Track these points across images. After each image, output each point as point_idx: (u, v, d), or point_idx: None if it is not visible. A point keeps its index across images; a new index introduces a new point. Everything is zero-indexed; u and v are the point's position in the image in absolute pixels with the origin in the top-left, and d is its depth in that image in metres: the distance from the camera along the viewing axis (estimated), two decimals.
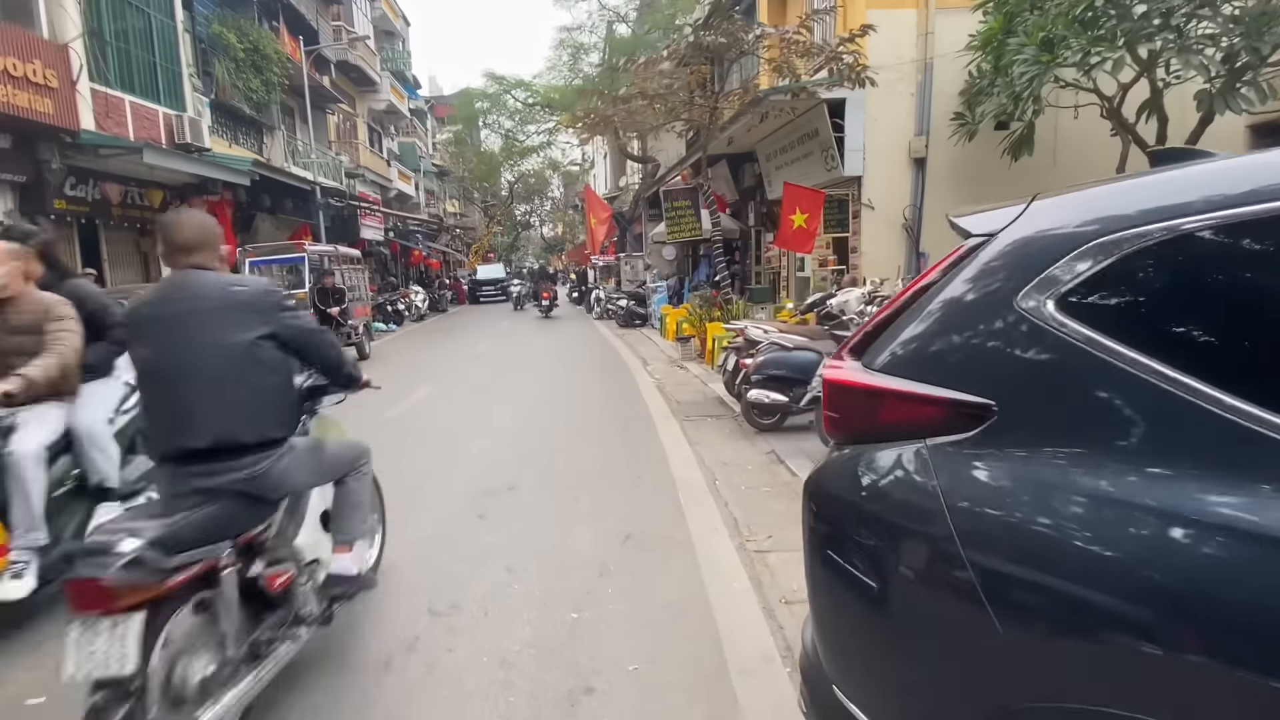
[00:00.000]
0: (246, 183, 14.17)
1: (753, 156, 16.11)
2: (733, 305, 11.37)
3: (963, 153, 11.93)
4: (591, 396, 8.93)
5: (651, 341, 14.89)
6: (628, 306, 18.06)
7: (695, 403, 8.34)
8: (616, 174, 37.68)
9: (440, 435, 7.04)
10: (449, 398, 9.10)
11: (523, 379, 10.53)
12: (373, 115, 29.25)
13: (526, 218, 55.49)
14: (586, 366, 11.68)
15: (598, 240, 23.77)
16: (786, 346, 6.56)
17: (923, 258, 12.13)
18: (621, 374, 10.68)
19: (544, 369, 11.49)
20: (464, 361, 12.60)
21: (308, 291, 10.90)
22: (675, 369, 11.05)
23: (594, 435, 6.84)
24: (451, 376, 10.96)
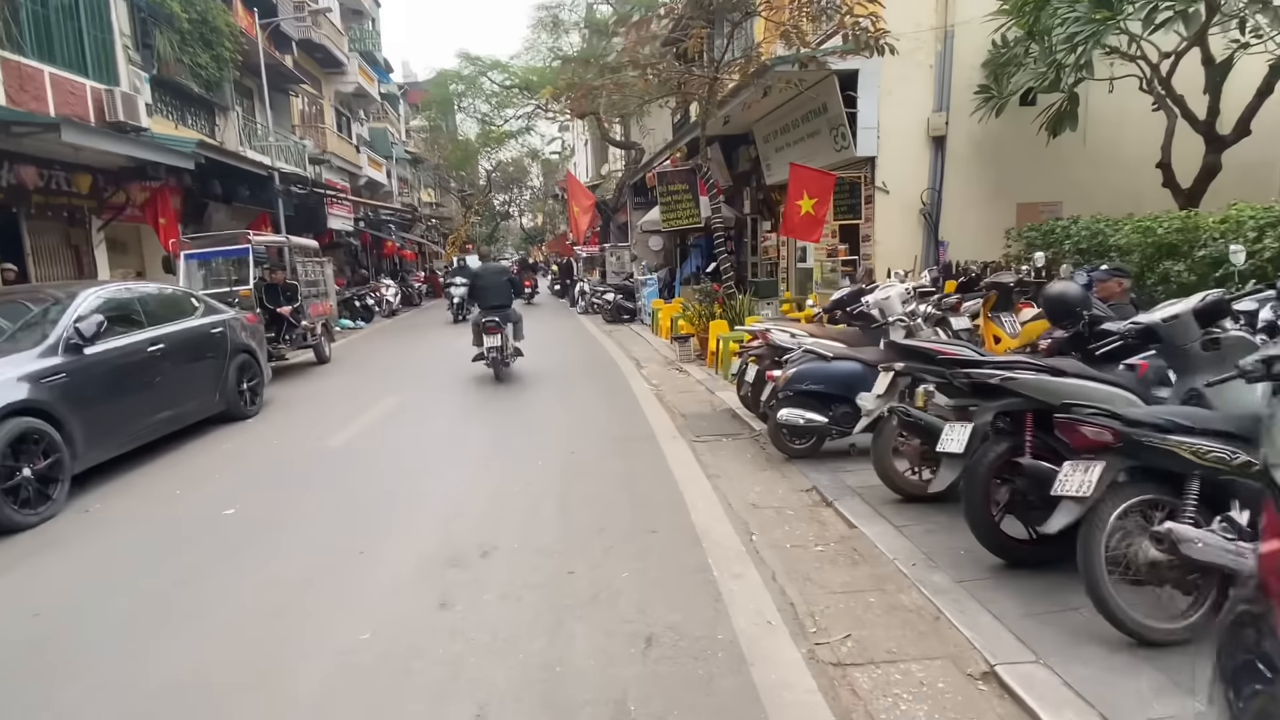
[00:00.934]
0: (191, 166, 12.64)
1: (748, 138, 14.87)
2: (735, 301, 10.15)
3: (985, 130, 10.79)
4: (582, 408, 7.67)
5: (642, 339, 13.64)
6: (615, 301, 16.79)
7: (703, 416, 7.12)
8: (598, 161, 36.25)
9: (397, 468, 5.73)
10: (415, 412, 7.79)
11: (502, 385, 9.25)
12: (340, 99, 27.54)
13: (505, 208, 53.86)
14: (574, 369, 10.41)
15: (581, 229, 22.42)
16: (825, 356, 5.35)
17: (942, 247, 11.00)
18: (614, 379, 9.43)
19: (527, 372, 10.20)
20: (437, 364, 11.26)
21: (251, 288, 9.47)
22: (673, 372, 9.82)
23: (588, 464, 5.59)
24: (421, 382, 9.63)
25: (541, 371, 10.16)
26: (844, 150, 10.98)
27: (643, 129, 26.46)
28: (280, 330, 10.07)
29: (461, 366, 10.55)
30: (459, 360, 11.15)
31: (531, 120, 28.68)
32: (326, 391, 9.12)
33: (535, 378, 9.67)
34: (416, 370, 10.62)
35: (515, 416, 7.36)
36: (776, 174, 13.68)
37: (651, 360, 10.94)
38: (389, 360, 11.75)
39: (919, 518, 4.15)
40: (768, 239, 15.22)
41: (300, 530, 4.38)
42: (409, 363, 11.26)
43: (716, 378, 8.90)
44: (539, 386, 9.06)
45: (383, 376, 10.24)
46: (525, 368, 10.52)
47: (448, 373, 10.33)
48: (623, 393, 8.43)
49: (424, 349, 13.30)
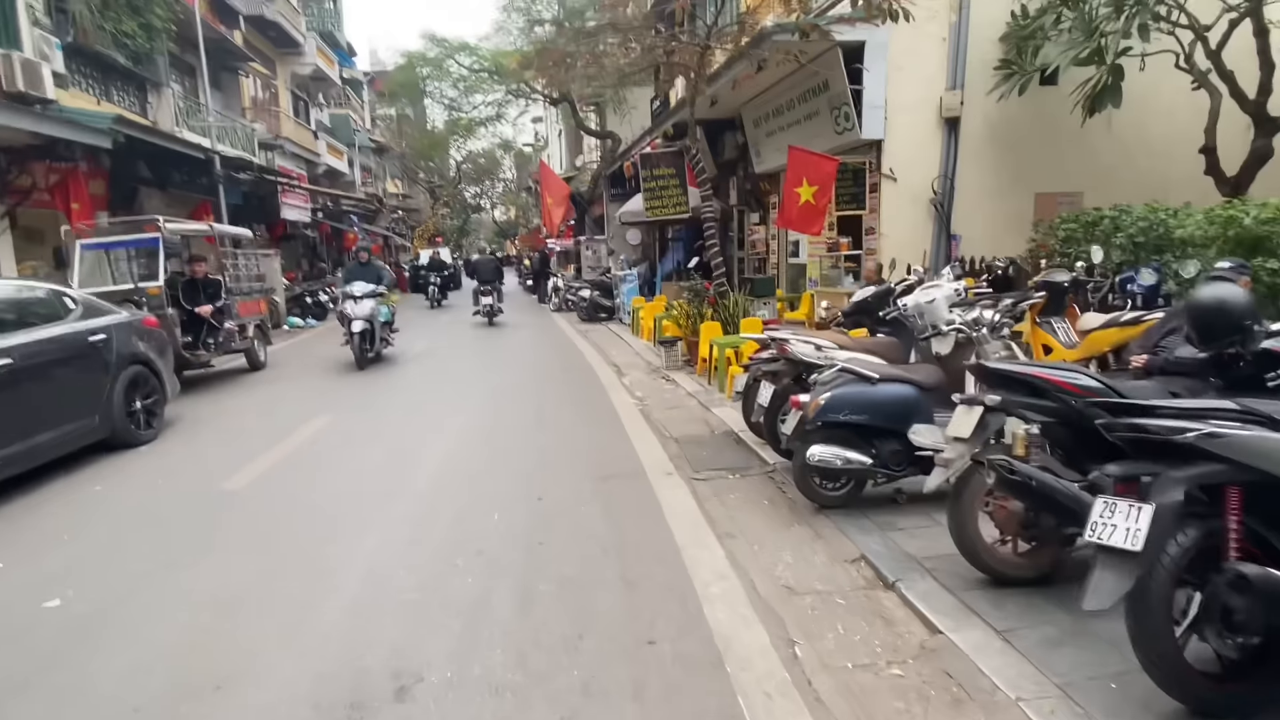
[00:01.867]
0: (108, 145, 11.03)
1: (734, 124, 13.63)
2: (728, 301, 8.90)
3: (1003, 112, 9.67)
4: (554, 430, 6.36)
5: (622, 340, 12.34)
6: (591, 298, 15.45)
7: (701, 442, 5.85)
8: (573, 152, 34.77)
9: (304, 527, 4.34)
10: (345, 438, 6.39)
11: (459, 397, 7.89)
12: (297, 81, 25.71)
13: (477, 200, 52.09)
14: (546, 378, 9.08)
15: (554, 222, 21.01)
16: (868, 377, 4.11)
17: (954, 241, 9.87)
18: (592, 391, 8.12)
19: (490, 381, 8.85)
20: (387, 370, 9.84)
21: (160, 286, 7.93)
22: (659, 382, 8.54)
23: (560, 519, 4.29)
24: (363, 396, 8.23)
25: (507, 380, 8.81)
26: (847, 133, 9.78)
27: (620, 115, 25.12)
28: (200, 333, 8.57)
29: (418, 375, 9.18)
30: (416, 368, 9.78)
31: (502, 107, 27.17)
32: (247, 408, 7.67)
33: (500, 388, 8.32)
34: (358, 380, 9.20)
35: (470, 444, 6.02)
36: (768, 161, 12.46)
37: (634, 367, 9.65)
38: (329, 367, 10.30)
39: (1025, 612, 2.94)
40: (755, 232, 14.01)
41: (138, 640, 3.01)
42: (352, 371, 9.84)
43: (711, 390, 7.64)
44: (504, 400, 7.72)
45: (318, 388, 8.81)
46: (489, 378, 9.18)
47: (399, 383, 8.94)
48: (603, 409, 7.12)
49: None
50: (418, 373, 9.44)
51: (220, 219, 15.49)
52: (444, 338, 13.73)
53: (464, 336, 13.59)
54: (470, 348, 12.00)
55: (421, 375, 9.23)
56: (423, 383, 8.75)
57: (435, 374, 9.65)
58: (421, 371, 9.60)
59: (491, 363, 10.40)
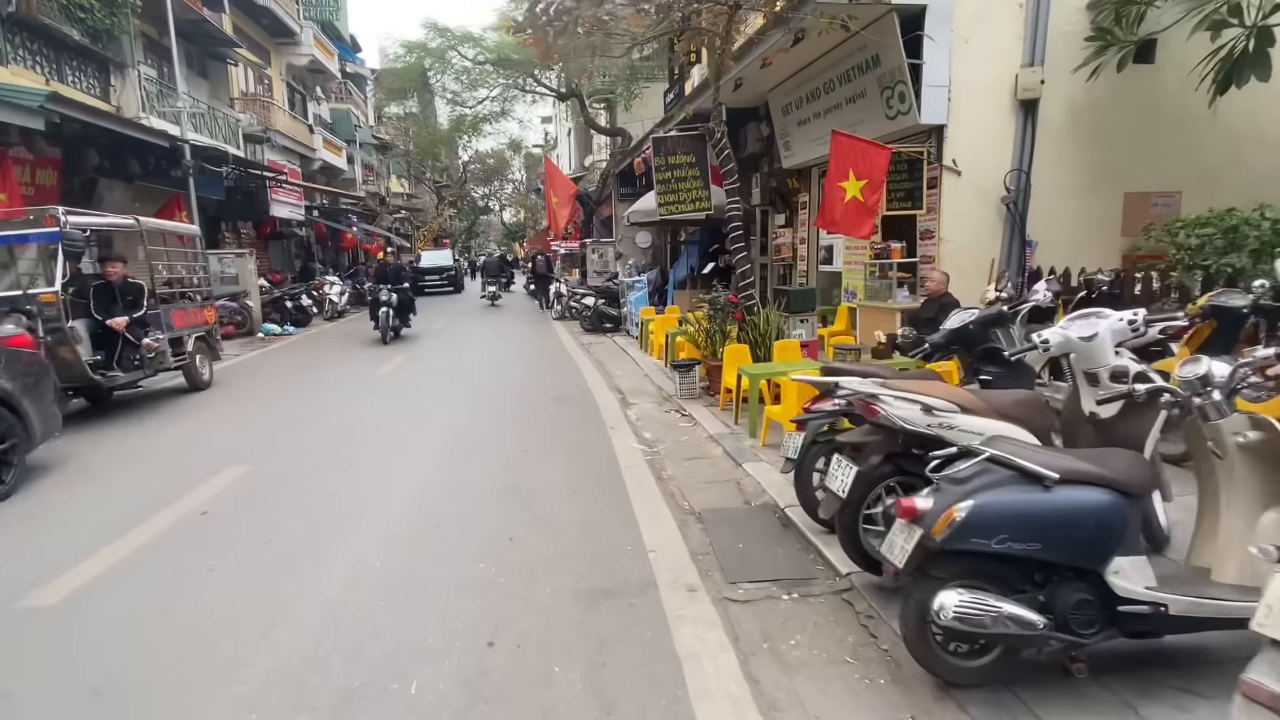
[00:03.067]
0: (39, 125, 9.47)
1: (758, 113, 11.97)
2: (758, 316, 7.21)
3: (1089, 94, 7.96)
4: (529, 501, 4.67)
5: (628, 356, 10.66)
6: (596, 306, 13.78)
7: (733, 519, 4.17)
8: (582, 152, 33.19)
9: (122, 702, 2.70)
10: (252, 502, 4.70)
11: (423, 433, 6.24)
12: (293, 72, 24.21)
13: (485, 201, 50.65)
14: (533, 407, 7.40)
15: (560, 223, 19.36)
16: (1037, 475, 2.40)
17: (1029, 248, 8.14)
18: (588, 430, 6.43)
19: (466, 411, 7.20)
20: (350, 393, 8.21)
21: (56, 292, 6.26)
22: (673, 417, 6.85)
23: (513, 697, 2.61)
24: (304, 431, 6.59)
25: (482, 415, 7.13)
26: (901, 117, 8.08)
27: (630, 111, 23.51)
28: (115, 350, 6.95)
29: (383, 400, 7.54)
30: (384, 390, 8.13)
31: (507, 103, 25.55)
32: (148, 451, 6.01)
33: (474, 423, 6.65)
34: (314, 406, 7.58)
35: (413, 518, 4.35)
36: (799, 154, 10.77)
37: (642, 394, 7.96)
38: (287, 389, 8.68)
39: None
40: (780, 235, 12.32)
41: None
42: (313, 392, 8.22)
43: (739, 434, 5.94)
44: (475, 441, 6.05)
45: (261, 417, 7.17)
46: (467, 400, 7.52)
47: (356, 413, 7.29)
48: (600, 461, 5.44)
49: (346, 368, 10.21)
50: (374, 404, 7.79)
51: (191, 214, 13.97)
52: (426, 350, 12.11)
53: (441, 356, 11.94)
54: (447, 369, 10.34)
55: (378, 409, 7.58)
56: (376, 419, 7.09)
57: (407, 394, 8.00)
58: (380, 402, 7.95)
59: (475, 384, 8.74)
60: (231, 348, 12.46)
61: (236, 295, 13.57)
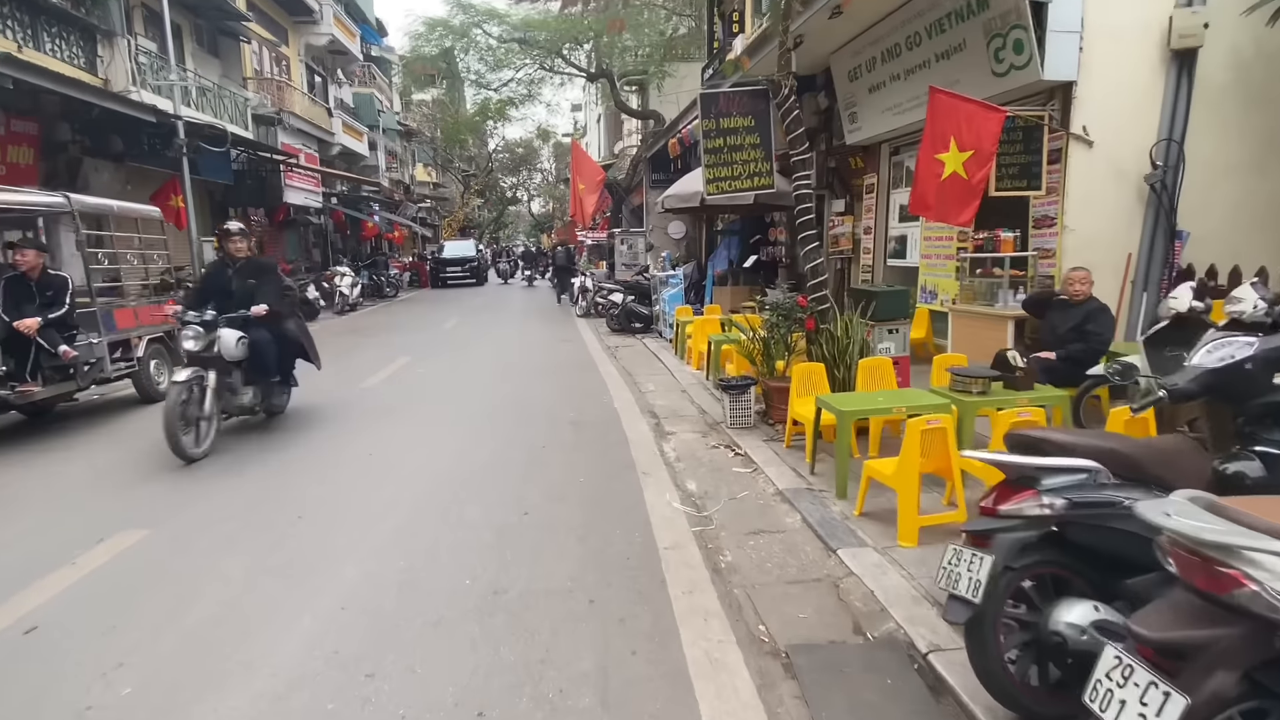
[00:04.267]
0: None
1: (814, 83, 10.17)
2: (833, 323, 5.51)
3: (1262, 42, 6.08)
4: (523, 624, 3.06)
5: (661, 364, 9.02)
6: (625, 304, 12.14)
7: (845, 674, 2.50)
8: (612, 138, 31.51)
9: None
10: (114, 601, 3.19)
11: (395, 482, 4.67)
12: (312, 53, 22.87)
13: (513, 191, 49.27)
14: (543, 440, 5.76)
15: (586, 211, 17.73)
16: None
17: (1179, 240, 6.29)
18: (613, 473, 4.80)
19: (458, 444, 5.62)
20: (322, 413, 6.69)
21: None
22: (723, 455, 5.19)
23: None
24: (239, 474, 5.06)
25: (484, 444, 5.53)
26: (1015, 72, 6.28)
27: (663, 93, 21.75)
28: (28, 358, 5.49)
29: (373, 419, 5.98)
30: (373, 405, 6.52)
31: (534, 86, 23.90)
32: (26, 499, 4.54)
33: (465, 463, 5.06)
34: (261, 436, 6.08)
35: (328, 666, 2.77)
36: (868, 126, 8.97)
37: (681, 417, 6.31)
38: None
39: None
40: (839, 224, 10.52)
41: None
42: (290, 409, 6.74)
43: (820, 489, 4.25)
44: (460, 496, 4.45)
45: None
46: (467, 421, 5.93)
47: (295, 459, 5.75)
48: (629, 531, 3.80)
49: (335, 374, 8.73)
50: (346, 429, 6.26)
51: (186, 197, 12.63)
52: (430, 350, 10.60)
53: (445, 360, 10.42)
54: (449, 379, 8.80)
55: (347, 438, 6.04)
56: (339, 457, 5.54)
57: (374, 430, 6.46)
58: (354, 426, 6.41)
59: (468, 408, 7.18)
60: None
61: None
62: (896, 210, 9.30)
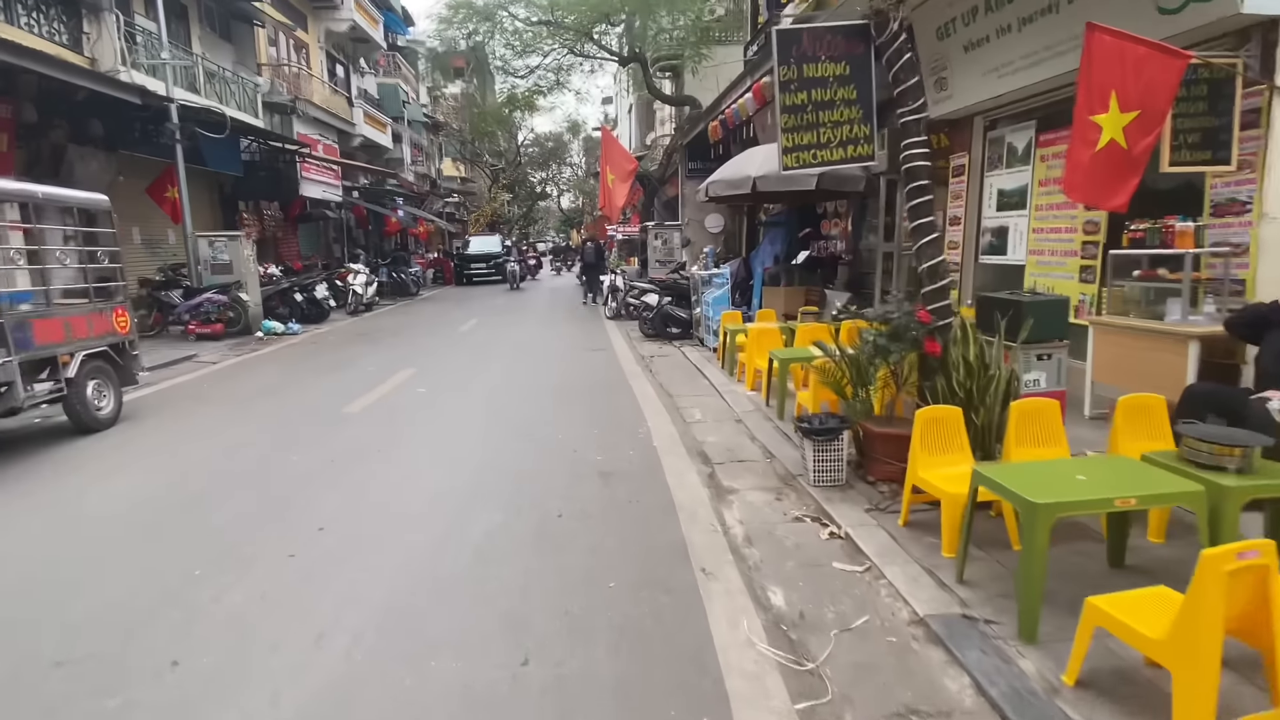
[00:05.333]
0: None
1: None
2: (962, 344, 3.92)
3: None
4: None
5: (706, 381, 7.48)
6: (661, 306, 10.60)
7: None
8: (643, 128, 29.91)
9: None
10: None
11: (348, 581, 3.24)
12: (333, 40, 21.68)
13: (542, 186, 47.95)
14: (559, 504, 4.25)
15: (615, 203, 16.21)
16: None
17: None
18: (660, 576, 3.28)
19: (448, 505, 4.16)
20: (285, 455, 5.29)
21: None
22: (813, 535, 3.63)
23: None
24: (174, 553, 3.67)
25: (481, 507, 4.05)
26: (1194, 6, 4.59)
27: (699, 78, 20.11)
28: None
29: (292, 495, 4.49)
30: (319, 454, 5.03)
31: (563, 73, 22.38)
32: None
33: (451, 544, 3.59)
34: (197, 489, 4.70)
35: None
36: (960, 94, 7.30)
37: (742, 462, 4.76)
38: (210, 435, 5.85)
39: None
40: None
41: None
42: (228, 452, 5.36)
43: (995, 630, 2.68)
44: (432, 613, 3.00)
45: (104, 512, 4.31)
46: (454, 481, 4.39)
47: (227, 532, 4.33)
48: (695, 706, 2.29)
49: (309, 396, 7.36)
50: (302, 485, 4.85)
51: (180, 188, 11.41)
52: (438, 361, 9.19)
53: (453, 375, 9.01)
54: (452, 402, 7.37)
55: (302, 501, 4.62)
56: (282, 531, 4.11)
57: (338, 484, 5.04)
58: (316, 479, 5.00)
59: (469, 444, 5.73)
60: (213, 351, 9.86)
61: (227, 286, 10.95)
62: (993, 196, 7.61)
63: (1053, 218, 6.55)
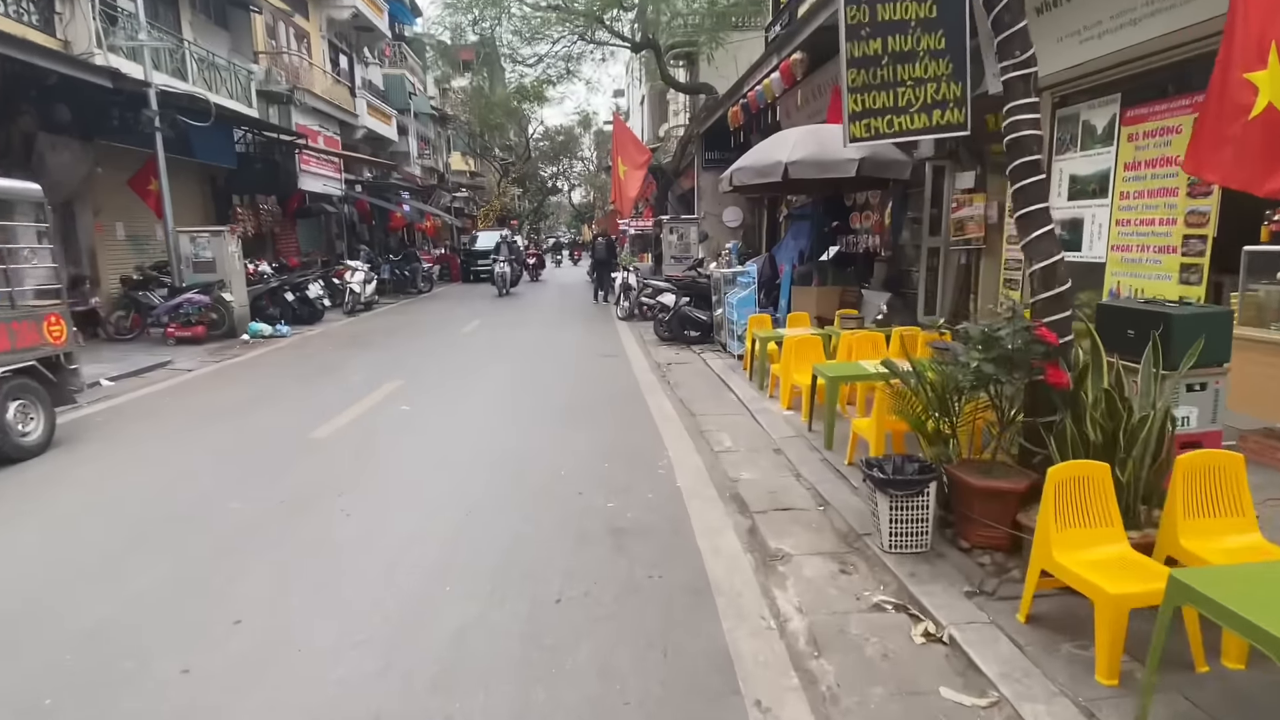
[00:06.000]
0: None
1: None
2: (1096, 368, 2.91)
3: None
4: None
5: (731, 395, 6.49)
6: (678, 308, 9.60)
7: None
8: (656, 121, 28.83)
9: None
10: None
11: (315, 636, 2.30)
12: (334, 28, 20.77)
13: (553, 181, 46.95)
14: (560, 578, 3.31)
15: (628, 196, 15.23)
16: None
17: None
18: (699, 712, 2.31)
19: (416, 578, 3.22)
20: (219, 503, 4.36)
21: None
22: (901, 638, 2.65)
23: None
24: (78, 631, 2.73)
25: (442, 619, 3.09)
26: None
27: (714, 66, 19.05)
28: None
29: (217, 555, 3.51)
30: (268, 496, 4.05)
31: (573, 62, 21.34)
32: None
33: (380, 686, 2.65)
34: (113, 548, 3.78)
35: None
36: (1058, 59, 6.21)
37: (788, 513, 3.78)
38: (152, 467, 4.94)
39: None
40: (964, 204, 7.78)
41: None
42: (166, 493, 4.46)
43: None
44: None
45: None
46: (429, 539, 3.34)
47: (135, 614, 3.39)
48: None
49: (276, 416, 6.44)
50: (240, 536, 3.92)
51: (160, 179, 10.52)
52: (431, 367, 8.26)
53: (446, 385, 8.07)
54: (439, 422, 6.42)
55: (227, 572, 3.68)
56: (196, 614, 3.16)
57: (279, 546, 4.11)
58: (256, 534, 4.06)
59: (453, 482, 4.79)
60: (190, 357, 8.98)
61: (210, 286, 10.06)
62: (1063, 183, 6.54)
63: (1143, 207, 5.49)
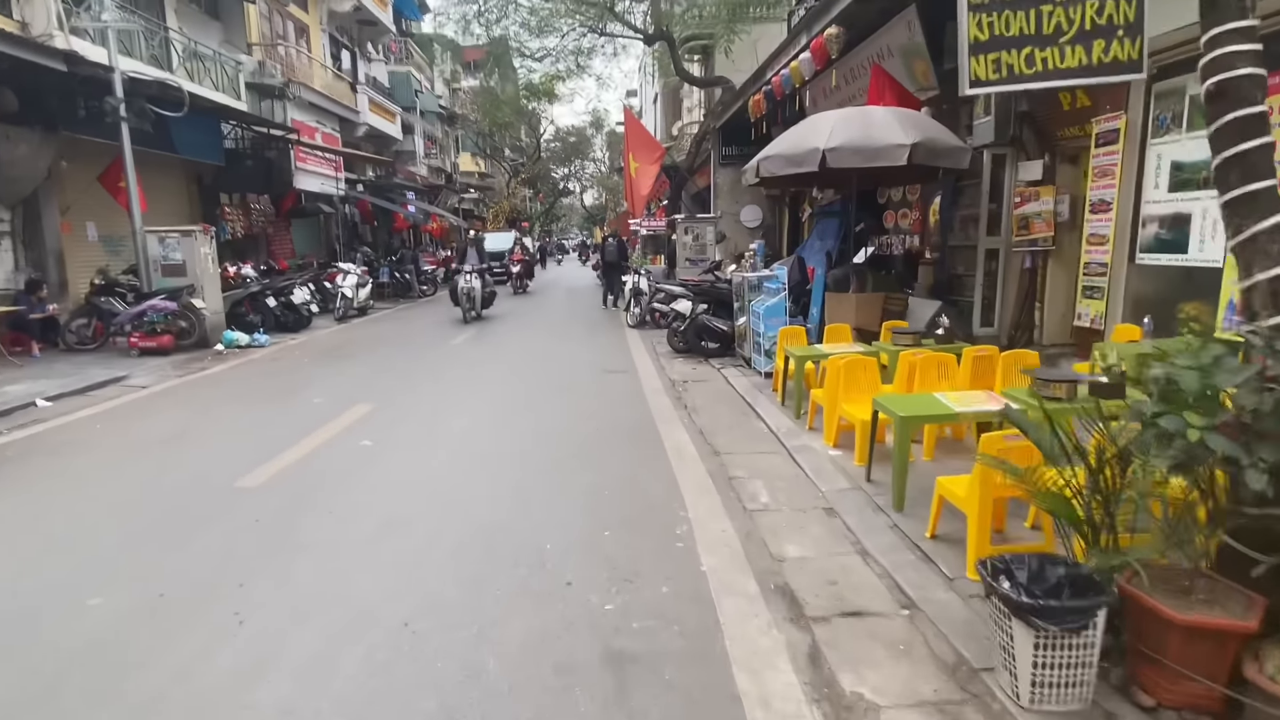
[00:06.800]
0: None
1: None
2: None
3: None
4: None
5: (761, 424, 5.37)
6: (695, 316, 8.47)
7: None
8: (669, 117, 27.72)
9: None
10: None
11: None
12: (336, 21, 19.83)
13: (564, 183, 45.98)
14: None
15: (640, 195, 14.12)
16: None
17: None
18: None
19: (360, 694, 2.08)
20: (158, 548, 3.31)
21: None
22: None
23: None
24: None
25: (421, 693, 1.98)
26: None
27: (731, 59, 17.93)
28: None
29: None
30: (189, 566, 2.89)
31: (583, 56, 20.26)
32: None
33: None
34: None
35: None
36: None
37: (859, 620, 2.65)
38: (70, 516, 3.90)
39: None
40: (1030, 197, 6.59)
41: None
42: (16, 578, 3.39)
43: None
44: None
45: None
46: (383, 634, 2.29)
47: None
48: None
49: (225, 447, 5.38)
50: (134, 622, 2.80)
51: (127, 174, 9.53)
52: (416, 386, 7.17)
53: (429, 406, 6.98)
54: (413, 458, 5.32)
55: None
56: None
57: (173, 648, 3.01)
58: (162, 613, 2.95)
59: (417, 549, 3.69)
60: (151, 371, 7.96)
61: (178, 291, 9.04)
62: (1163, 172, 5.36)
63: None
